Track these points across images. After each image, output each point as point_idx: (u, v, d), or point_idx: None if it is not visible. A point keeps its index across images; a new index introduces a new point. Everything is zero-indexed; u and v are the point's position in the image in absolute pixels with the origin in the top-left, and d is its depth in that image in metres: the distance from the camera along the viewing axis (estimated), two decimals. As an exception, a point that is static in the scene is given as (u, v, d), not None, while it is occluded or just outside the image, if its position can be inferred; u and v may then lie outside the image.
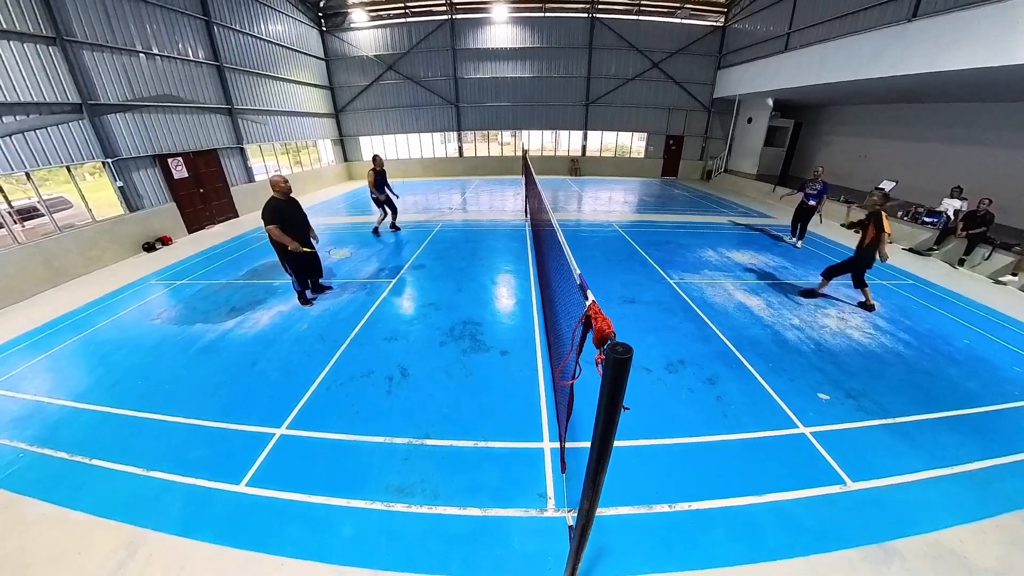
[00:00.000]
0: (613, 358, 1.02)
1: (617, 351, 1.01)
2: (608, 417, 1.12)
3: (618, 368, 1.03)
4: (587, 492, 1.35)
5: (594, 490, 1.32)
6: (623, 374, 1.04)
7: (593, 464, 1.26)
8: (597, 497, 1.34)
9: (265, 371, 4.18)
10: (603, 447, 1.18)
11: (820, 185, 8.16)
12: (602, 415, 1.13)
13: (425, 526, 2.53)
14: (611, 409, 1.10)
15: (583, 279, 1.67)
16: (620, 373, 1.03)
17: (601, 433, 1.16)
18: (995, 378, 4.11)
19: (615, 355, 1.02)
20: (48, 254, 6.92)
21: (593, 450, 1.22)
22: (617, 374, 1.03)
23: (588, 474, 1.31)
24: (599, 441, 1.17)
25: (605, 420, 1.13)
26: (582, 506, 1.41)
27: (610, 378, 1.05)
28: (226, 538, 2.48)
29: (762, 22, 15.26)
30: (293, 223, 5.07)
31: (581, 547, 1.56)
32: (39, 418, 3.58)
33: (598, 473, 1.27)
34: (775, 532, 2.50)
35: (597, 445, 1.19)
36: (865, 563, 2.33)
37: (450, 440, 3.21)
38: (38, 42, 7.08)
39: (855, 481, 2.87)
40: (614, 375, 1.03)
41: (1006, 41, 6.93)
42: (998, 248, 7.32)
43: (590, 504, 1.37)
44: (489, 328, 4.97)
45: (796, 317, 5.32)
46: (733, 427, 3.36)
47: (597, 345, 1.15)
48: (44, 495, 2.80)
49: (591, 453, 1.27)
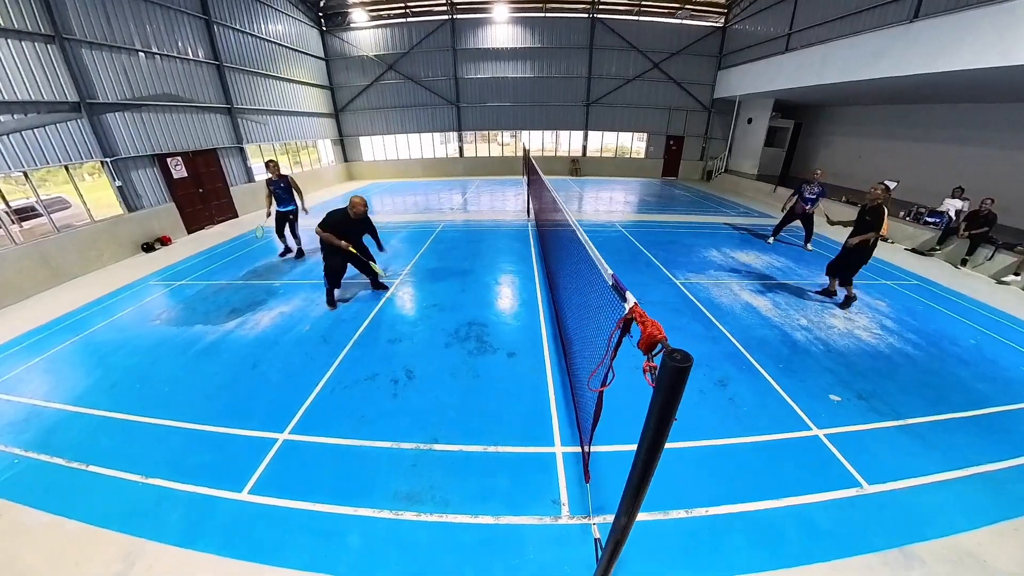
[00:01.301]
0: (672, 366, 0.94)
1: (675, 358, 0.94)
2: (658, 430, 1.04)
3: (675, 377, 0.95)
4: (625, 507, 1.26)
5: (634, 505, 1.23)
6: (680, 384, 0.96)
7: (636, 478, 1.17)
8: (636, 512, 1.25)
9: (267, 374, 4.09)
10: (649, 460, 1.10)
11: (819, 188, 8.02)
12: (652, 428, 1.05)
13: (436, 535, 2.45)
14: (662, 421, 1.02)
15: (618, 279, 1.59)
16: (678, 383, 0.96)
17: (649, 446, 1.07)
18: (1004, 378, 4.08)
19: (674, 363, 0.94)
20: (46, 254, 6.82)
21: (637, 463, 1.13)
22: (674, 384, 0.96)
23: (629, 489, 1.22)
24: (646, 453, 1.09)
25: (655, 433, 1.04)
26: (618, 520, 1.33)
27: (666, 387, 0.97)
28: (228, 548, 2.39)
29: (763, 23, 15.28)
30: (344, 237, 5.18)
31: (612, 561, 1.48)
32: (35, 422, 3.49)
33: (641, 488, 1.18)
34: (795, 537, 2.45)
35: (643, 458, 1.10)
36: (886, 568, 2.29)
37: (459, 445, 3.14)
38: (36, 40, 6.99)
39: (871, 484, 2.83)
40: (671, 384, 0.96)
41: (1007, 42, 6.93)
42: (1001, 248, 7.31)
43: (627, 520, 1.28)
44: (495, 329, 4.90)
45: (803, 317, 5.27)
46: (747, 429, 3.30)
47: (645, 351, 1.08)
48: (40, 503, 2.71)
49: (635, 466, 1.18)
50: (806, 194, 8.10)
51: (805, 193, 8.11)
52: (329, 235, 5.06)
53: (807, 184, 8.15)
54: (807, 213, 8.20)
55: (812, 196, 8.05)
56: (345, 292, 6.01)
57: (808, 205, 8.14)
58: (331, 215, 5.08)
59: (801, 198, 8.17)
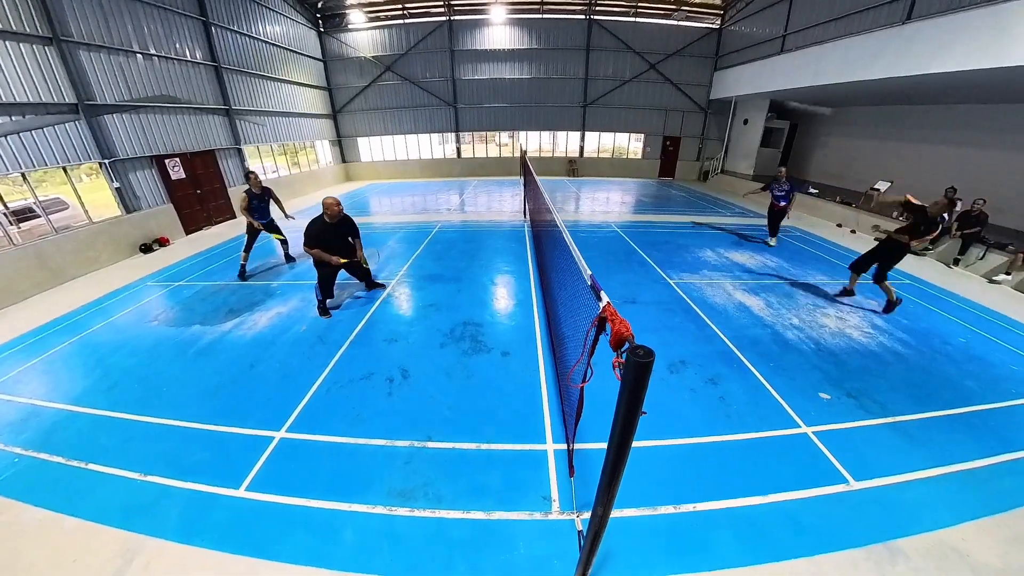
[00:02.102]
0: (634, 361, 0.99)
1: (638, 354, 0.98)
2: (627, 422, 1.09)
3: (639, 372, 1.00)
4: (601, 498, 1.32)
5: (608, 496, 1.28)
6: (644, 378, 1.01)
7: (609, 469, 1.22)
8: (611, 503, 1.31)
9: (264, 373, 4.14)
10: (620, 452, 1.15)
11: (788, 185, 8.20)
12: (620, 420, 1.10)
13: (428, 530, 2.50)
14: (630, 414, 1.07)
15: (595, 280, 1.65)
16: (641, 377, 1.01)
17: (619, 438, 1.12)
18: (992, 376, 4.14)
19: (636, 358, 0.99)
20: (44, 255, 6.85)
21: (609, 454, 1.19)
22: (638, 378, 1.01)
23: (603, 479, 1.27)
24: (616, 446, 1.14)
25: (623, 425, 1.10)
26: (595, 512, 1.38)
27: (630, 382, 1.02)
28: (225, 544, 2.44)
29: (758, 24, 15.36)
30: (328, 246, 4.95)
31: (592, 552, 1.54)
32: (35, 422, 3.53)
33: (614, 478, 1.24)
34: (780, 532, 2.50)
35: (614, 450, 1.15)
36: (870, 562, 2.33)
37: (452, 443, 3.19)
38: (34, 42, 7.02)
39: (858, 480, 2.87)
40: (635, 379, 1.01)
41: (999, 43, 7.00)
42: (992, 248, 7.39)
43: (604, 510, 1.33)
44: (490, 329, 4.95)
45: (795, 317, 5.33)
46: (736, 427, 3.35)
47: (614, 348, 1.13)
48: (39, 500, 2.75)
49: (607, 458, 1.24)
50: (775, 191, 8.29)
51: (775, 191, 8.30)
52: (318, 252, 4.86)
53: (775, 182, 8.31)
54: (780, 210, 8.37)
55: (781, 193, 8.23)
56: (341, 293, 6.05)
57: (781, 202, 8.28)
58: (311, 227, 4.81)
59: (772, 196, 8.38)
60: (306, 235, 4.80)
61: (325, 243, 4.91)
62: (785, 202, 8.27)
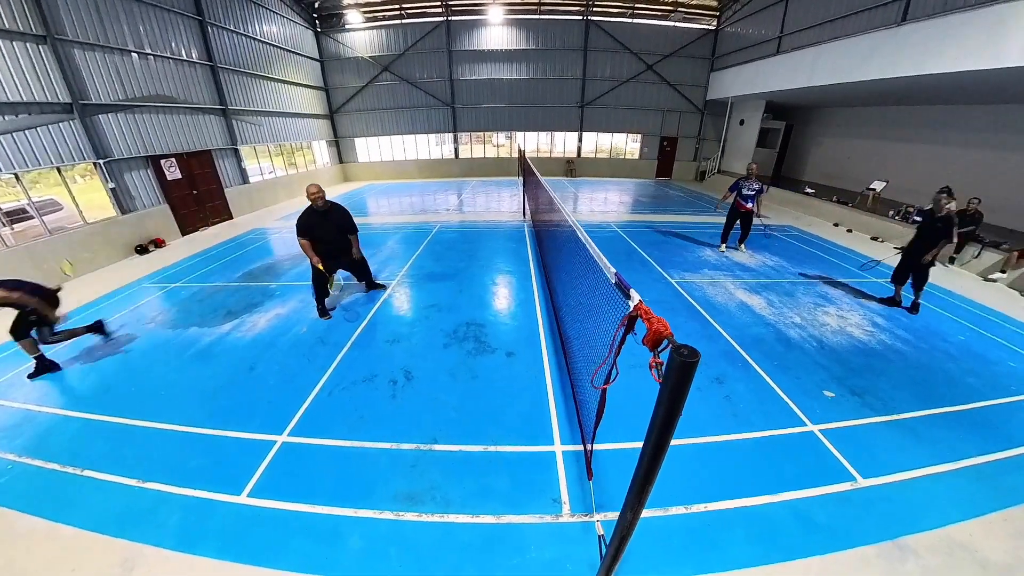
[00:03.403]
0: (680, 361, 0.96)
1: (683, 354, 0.95)
2: (665, 425, 1.05)
3: (684, 372, 0.97)
4: (632, 502, 1.27)
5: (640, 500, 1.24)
6: (687, 379, 0.98)
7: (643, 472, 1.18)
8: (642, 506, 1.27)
9: (264, 376, 4.07)
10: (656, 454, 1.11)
11: (758, 184, 7.47)
12: (659, 422, 1.06)
13: (437, 535, 2.46)
14: (669, 416, 1.02)
15: (621, 277, 1.61)
16: (685, 377, 0.97)
17: (656, 441, 1.09)
18: (992, 373, 4.17)
19: (681, 358, 0.95)
20: (38, 257, 6.75)
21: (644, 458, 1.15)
22: (682, 378, 0.97)
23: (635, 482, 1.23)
24: (652, 449, 1.10)
25: (661, 428, 1.05)
26: (624, 516, 1.34)
27: (673, 383, 0.98)
28: (227, 552, 2.38)
29: (754, 25, 15.47)
30: (322, 240, 4.87)
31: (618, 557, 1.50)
32: (29, 427, 3.45)
33: (646, 483, 1.20)
34: (792, 531, 2.49)
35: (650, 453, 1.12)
36: (881, 559, 2.33)
37: (459, 445, 3.14)
38: (28, 41, 6.92)
39: (865, 478, 2.87)
40: (678, 380, 0.97)
41: (992, 45, 7.08)
42: (987, 246, 7.45)
43: (633, 514, 1.29)
44: (493, 329, 4.92)
45: (797, 315, 5.34)
46: (743, 426, 3.34)
47: (651, 347, 1.10)
48: (34, 508, 2.68)
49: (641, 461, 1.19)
50: (744, 190, 7.50)
51: (743, 190, 7.51)
52: (305, 244, 4.77)
53: (745, 180, 7.56)
54: (747, 212, 7.63)
55: (751, 192, 7.47)
56: (342, 295, 6.00)
57: (748, 203, 7.54)
58: (301, 216, 4.76)
59: (740, 195, 7.57)
60: (297, 225, 4.78)
61: (317, 234, 4.83)
62: (752, 203, 7.52)
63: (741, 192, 7.50)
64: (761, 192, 7.49)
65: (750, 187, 7.45)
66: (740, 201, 7.53)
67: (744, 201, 7.51)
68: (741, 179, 7.58)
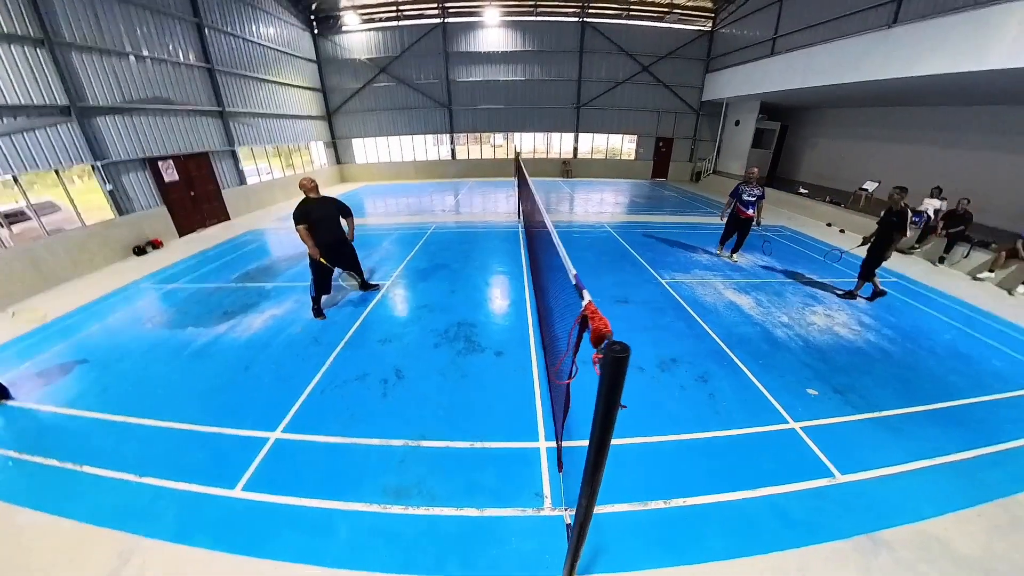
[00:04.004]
0: (611, 357, 1.04)
1: (615, 350, 1.02)
2: (606, 415, 1.13)
3: (616, 366, 1.05)
4: (585, 491, 1.37)
5: (592, 488, 1.33)
6: (621, 373, 1.05)
7: (591, 462, 1.27)
8: (595, 495, 1.36)
9: (259, 375, 4.15)
10: (601, 445, 1.20)
11: (759, 190, 7.11)
12: (600, 414, 1.15)
13: (422, 527, 2.54)
14: (608, 408, 1.11)
15: (579, 279, 1.70)
16: (618, 371, 1.05)
17: (599, 432, 1.17)
18: (975, 371, 4.24)
19: (612, 353, 1.03)
20: (36, 258, 6.81)
21: (591, 448, 1.24)
22: (615, 373, 1.05)
23: (586, 472, 1.32)
24: (597, 440, 1.19)
25: (603, 419, 1.14)
26: (580, 504, 1.43)
27: (608, 377, 1.06)
28: (221, 543, 2.46)
29: (749, 27, 15.56)
30: (319, 221, 4.97)
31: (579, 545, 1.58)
32: (28, 424, 3.52)
33: (596, 471, 1.29)
34: (768, 525, 2.55)
35: (595, 443, 1.20)
36: (855, 553, 2.39)
37: (446, 441, 3.22)
38: (26, 44, 6.98)
39: (843, 474, 2.93)
40: (612, 374, 1.05)
41: (980, 47, 7.17)
42: (976, 246, 7.54)
43: (588, 502, 1.38)
44: (483, 329, 5.00)
45: (785, 315, 5.42)
46: (725, 423, 3.41)
47: (595, 344, 1.18)
48: (34, 503, 2.76)
49: (589, 451, 1.29)
50: (745, 196, 7.12)
51: (744, 195, 7.12)
52: (303, 230, 4.85)
53: (745, 185, 7.17)
54: (748, 219, 7.23)
55: (752, 199, 7.11)
56: (336, 294, 6.07)
57: (749, 209, 7.14)
58: (297, 207, 4.87)
59: (740, 201, 7.18)
60: (294, 215, 4.84)
61: (314, 217, 4.91)
62: (752, 209, 7.14)
63: (742, 198, 7.16)
64: (762, 198, 7.18)
65: (751, 192, 7.11)
66: (740, 208, 7.21)
67: (745, 207, 7.18)
68: (741, 184, 7.23)
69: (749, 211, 7.15)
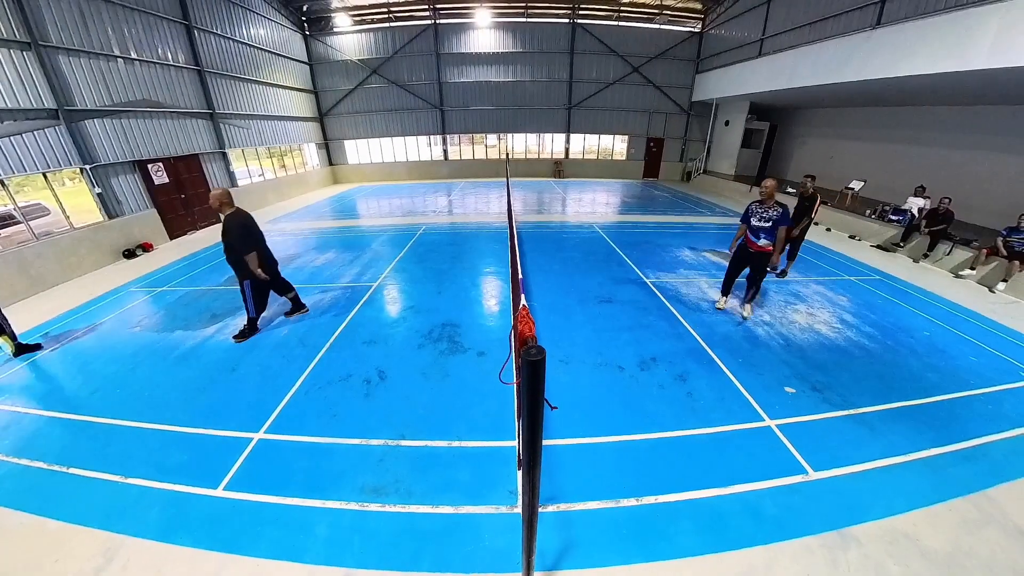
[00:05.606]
0: (526, 360, 1.07)
1: (531, 353, 1.06)
2: (531, 416, 1.17)
3: (532, 369, 1.08)
4: (526, 487, 1.41)
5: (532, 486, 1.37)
6: (537, 375, 1.09)
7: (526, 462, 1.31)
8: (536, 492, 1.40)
9: (245, 376, 4.19)
10: (532, 445, 1.24)
11: (777, 212, 4.72)
12: (525, 415, 1.19)
13: (398, 524, 2.59)
14: (533, 408, 1.15)
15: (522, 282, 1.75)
16: (535, 374, 1.09)
17: (527, 433, 1.21)
18: (952, 368, 4.31)
19: (528, 357, 1.06)
20: (24, 262, 6.80)
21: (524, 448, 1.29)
22: (532, 375, 1.09)
23: (524, 470, 1.37)
24: (528, 440, 1.23)
25: (529, 419, 1.18)
26: (523, 501, 1.48)
27: (527, 378, 1.10)
28: (203, 541, 2.50)
29: (737, 28, 15.68)
30: (260, 239, 4.66)
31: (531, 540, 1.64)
32: (16, 428, 3.55)
33: (532, 469, 1.32)
34: (739, 522, 2.59)
35: (527, 444, 1.25)
36: (823, 549, 2.42)
37: (425, 440, 3.28)
38: (12, 47, 6.97)
39: (816, 470, 2.97)
40: (530, 374, 1.09)
41: (961, 48, 7.29)
42: (958, 244, 7.66)
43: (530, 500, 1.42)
44: (467, 330, 5.05)
45: (766, 313, 5.50)
46: (701, 422, 3.46)
47: (520, 346, 1.22)
48: (21, 504, 2.79)
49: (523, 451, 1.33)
50: (753, 220, 4.85)
51: (753, 219, 4.85)
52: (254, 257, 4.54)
53: (758, 204, 4.86)
54: (761, 252, 4.91)
55: (766, 224, 4.76)
56: (324, 297, 6.10)
57: (761, 239, 4.83)
58: (238, 226, 4.50)
59: (750, 229, 4.92)
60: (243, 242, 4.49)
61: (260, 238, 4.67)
62: (769, 238, 4.80)
63: (750, 222, 4.89)
64: (781, 223, 4.72)
65: (763, 215, 4.78)
66: (750, 237, 4.96)
67: (755, 237, 4.89)
68: (754, 203, 4.94)
69: (760, 242, 4.86)
